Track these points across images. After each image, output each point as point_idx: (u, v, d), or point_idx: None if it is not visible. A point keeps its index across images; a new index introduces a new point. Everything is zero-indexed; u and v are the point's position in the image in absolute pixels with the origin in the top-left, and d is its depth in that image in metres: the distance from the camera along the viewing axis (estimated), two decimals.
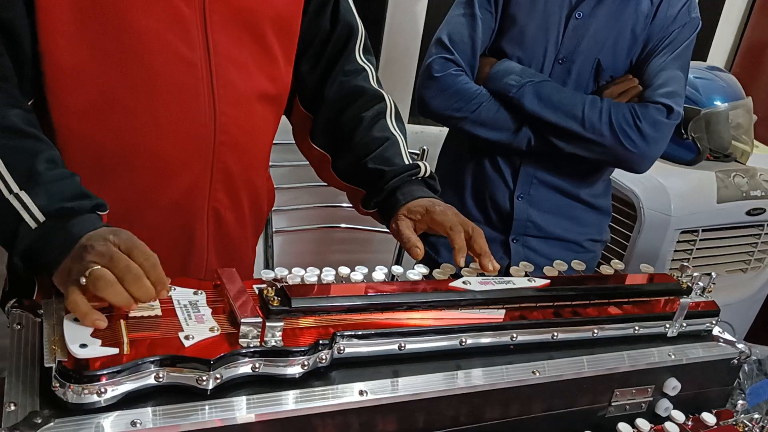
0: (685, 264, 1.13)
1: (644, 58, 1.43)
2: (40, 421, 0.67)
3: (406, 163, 1.12)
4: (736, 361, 1.10)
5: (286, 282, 0.85)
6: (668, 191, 1.92)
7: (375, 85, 1.19)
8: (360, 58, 1.19)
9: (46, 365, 0.70)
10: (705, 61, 2.71)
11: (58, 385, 0.68)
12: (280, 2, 1.07)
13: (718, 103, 1.99)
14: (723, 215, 2.01)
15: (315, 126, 1.19)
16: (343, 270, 0.91)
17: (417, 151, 2.05)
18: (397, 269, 0.95)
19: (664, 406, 1.03)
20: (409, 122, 2.21)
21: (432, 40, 1.46)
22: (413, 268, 0.96)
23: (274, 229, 1.97)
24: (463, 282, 0.92)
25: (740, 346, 1.11)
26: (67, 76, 0.93)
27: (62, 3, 0.90)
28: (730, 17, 2.70)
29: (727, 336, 1.13)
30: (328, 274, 0.89)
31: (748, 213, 2.04)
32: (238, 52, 1.02)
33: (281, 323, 0.78)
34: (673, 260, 2.02)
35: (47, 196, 0.82)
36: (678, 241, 1.99)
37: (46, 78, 0.92)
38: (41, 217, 0.81)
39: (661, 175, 1.97)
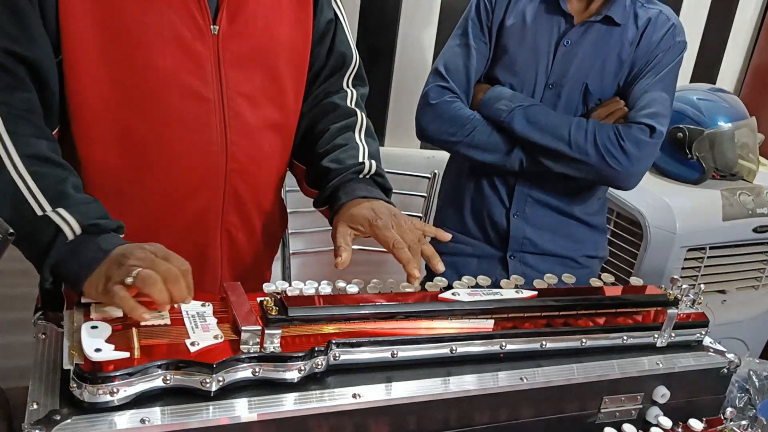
0: (675, 277, 1.16)
1: (630, 82, 1.48)
2: (59, 418, 0.73)
3: (361, 162, 1.15)
4: (726, 371, 1.12)
5: (285, 293, 0.91)
6: (673, 210, 1.95)
7: (351, 105, 1.24)
8: (346, 83, 1.25)
9: (65, 368, 0.76)
10: (714, 83, 2.73)
11: (75, 385, 0.75)
12: (291, 38, 1.15)
13: (721, 123, 2.02)
14: (729, 233, 2.02)
15: (294, 142, 1.25)
16: (340, 283, 0.97)
17: (428, 175, 2.11)
18: (391, 282, 1.00)
19: (654, 414, 1.06)
20: (420, 148, 2.29)
21: (430, 70, 1.53)
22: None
23: (291, 251, 2.04)
24: (453, 293, 0.97)
25: (730, 356, 1.13)
26: (92, 110, 1.01)
27: (88, 45, 0.99)
28: (737, 40, 2.73)
29: (717, 346, 1.15)
30: (326, 287, 0.95)
31: (755, 230, 2.05)
32: (248, 86, 1.10)
33: (279, 331, 0.83)
34: (681, 277, 2.04)
35: (79, 213, 0.91)
36: (686, 259, 2.01)
37: (72, 111, 1.01)
38: (78, 230, 0.89)
39: (666, 194, 2.00)
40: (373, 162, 1.17)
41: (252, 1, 1.08)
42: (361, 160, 1.16)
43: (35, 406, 0.75)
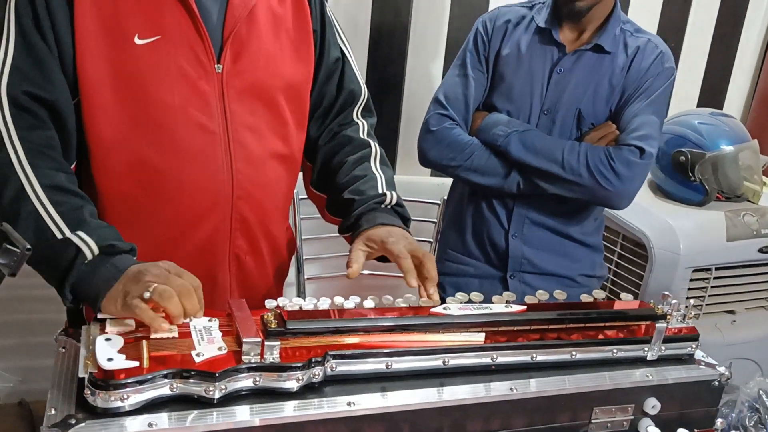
0: (666, 293, 1.18)
1: (621, 106, 1.54)
2: (74, 422, 0.80)
3: (383, 193, 1.23)
4: (717, 383, 1.14)
5: (285, 309, 0.97)
6: (677, 231, 1.97)
7: (364, 136, 1.32)
8: (356, 115, 1.33)
9: (80, 376, 0.83)
10: (722, 108, 2.76)
11: (89, 392, 0.81)
12: (291, 74, 1.23)
13: (723, 146, 2.05)
14: (734, 253, 2.04)
15: (313, 173, 1.34)
16: (338, 299, 1.02)
17: (438, 202, 2.17)
18: (387, 299, 1.06)
19: (645, 425, 1.09)
20: (430, 175, 2.35)
21: (431, 99, 1.60)
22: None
23: (306, 276, 2.10)
24: (444, 308, 1.02)
25: (720, 369, 1.15)
26: (107, 144, 1.10)
27: (103, 87, 1.08)
28: (743, 65, 2.76)
29: (709, 360, 1.18)
30: (324, 303, 1.01)
31: (761, 251, 2.07)
32: (252, 119, 1.18)
33: (278, 343, 0.89)
34: (688, 298, 2.05)
35: (97, 236, 0.98)
36: (692, 279, 2.03)
37: (89, 146, 1.10)
38: (96, 250, 0.97)
39: (670, 216, 2.03)
40: (394, 193, 1.25)
41: (254, 40, 1.17)
42: (381, 191, 1.24)
43: (53, 411, 0.82)
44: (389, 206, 1.23)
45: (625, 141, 1.49)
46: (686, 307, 1.18)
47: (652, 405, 1.08)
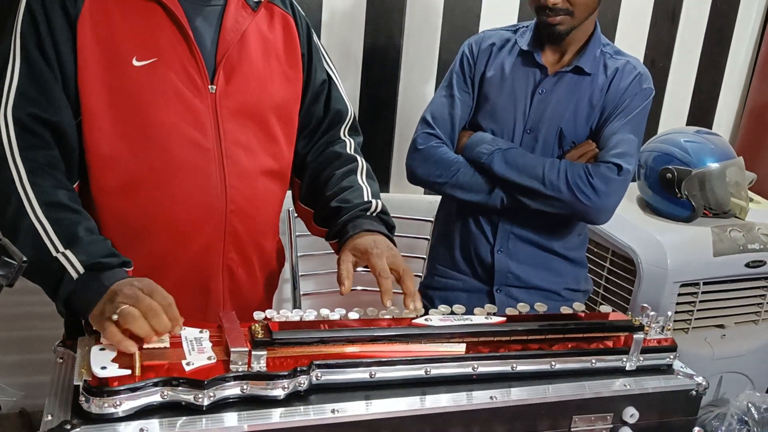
0: (645, 305, 1.22)
1: (601, 125, 1.59)
2: (69, 427, 0.84)
3: (368, 201, 1.27)
4: (694, 393, 1.17)
5: (272, 320, 1.01)
6: (664, 246, 2.01)
7: (351, 152, 1.36)
8: (343, 133, 1.38)
9: (75, 383, 0.87)
10: (711, 126, 2.81)
11: (84, 398, 0.85)
12: (281, 94, 1.28)
13: (709, 163, 2.10)
14: (722, 268, 2.08)
15: (301, 188, 1.38)
16: (324, 311, 1.07)
17: (431, 219, 2.21)
18: (371, 311, 1.10)
19: None
20: (423, 194, 2.40)
21: (419, 119, 1.66)
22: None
23: (301, 293, 2.14)
24: (425, 319, 1.07)
25: (698, 379, 1.18)
26: (104, 163, 1.15)
27: (101, 106, 1.13)
28: (731, 84, 2.81)
29: (687, 370, 1.20)
30: (310, 315, 1.05)
31: (748, 265, 2.10)
32: (244, 136, 1.23)
33: (264, 352, 0.93)
34: (677, 312, 2.09)
35: (85, 254, 1.02)
36: (680, 294, 2.07)
37: (89, 163, 1.15)
38: (81, 270, 1.01)
39: (657, 232, 2.07)
40: (378, 201, 1.29)
41: (245, 62, 1.22)
42: (366, 199, 1.28)
43: (49, 417, 0.86)
44: (374, 214, 1.27)
45: (603, 158, 1.54)
46: (664, 318, 1.21)
47: (631, 414, 1.11)
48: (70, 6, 1.11)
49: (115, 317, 0.92)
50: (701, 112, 2.81)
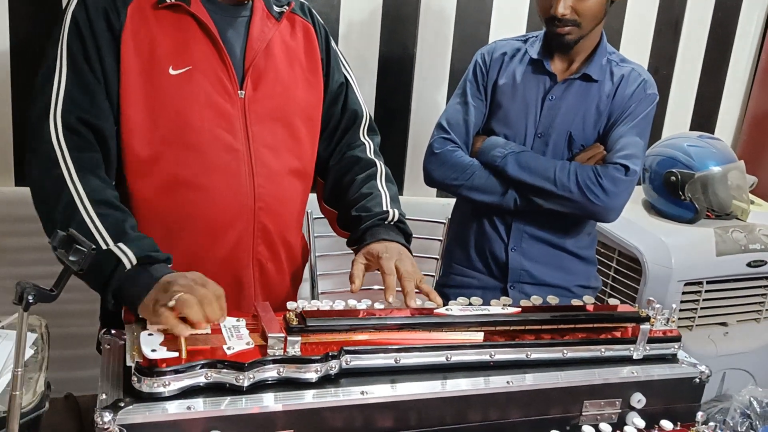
0: (651, 299, 1.27)
1: (608, 129, 1.65)
2: (123, 405, 0.90)
3: (386, 211, 1.34)
4: (698, 380, 1.22)
5: (305, 309, 1.07)
6: (668, 247, 2.07)
7: (371, 156, 1.43)
8: (362, 135, 1.45)
9: (128, 364, 0.93)
10: (713, 132, 2.85)
11: (135, 379, 0.91)
12: (304, 97, 1.35)
13: (711, 166, 2.15)
14: (724, 267, 2.13)
15: (325, 190, 1.45)
16: (351, 302, 1.13)
17: (444, 221, 2.27)
18: (394, 302, 1.16)
19: (632, 419, 1.18)
20: (436, 196, 2.46)
21: (435, 125, 1.72)
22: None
23: (320, 291, 2.20)
24: (446, 309, 1.13)
25: (701, 367, 1.24)
26: (143, 164, 1.22)
27: (141, 113, 1.20)
28: (732, 91, 2.86)
29: (691, 359, 1.26)
30: (339, 304, 1.11)
31: (749, 265, 2.15)
32: (271, 138, 1.30)
33: (299, 338, 0.99)
34: (681, 310, 2.14)
35: (136, 248, 1.09)
36: (685, 293, 2.12)
37: (127, 165, 1.22)
38: (134, 261, 1.08)
39: (662, 233, 2.13)
40: (396, 210, 1.35)
41: (271, 69, 1.29)
42: (385, 208, 1.34)
43: (104, 396, 0.92)
44: (392, 223, 1.34)
45: (611, 160, 1.60)
46: (669, 311, 1.27)
47: (638, 399, 1.16)
48: (114, 20, 1.18)
49: (171, 303, 0.98)
50: (704, 118, 2.86)
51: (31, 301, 0.72)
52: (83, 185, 1.12)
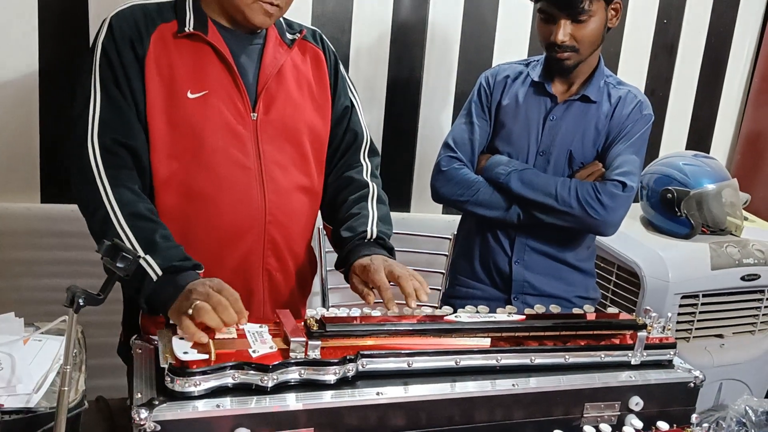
0: (648, 308, 1.33)
1: (606, 147, 1.71)
2: (157, 403, 0.95)
3: (365, 230, 1.38)
4: (692, 385, 1.27)
5: (324, 315, 1.13)
6: (665, 261, 2.12)
7: (366, 177, 1.48)
8: (362, 156, 1.51)
9: (161, 365, 0.99)
10: (708, 151, 2.91)
11: (169, 379, 0.97)
12: (313, 119, 1.42)
13: (706, 184, 2.21)
14: (719, 281, 2.18)
15: (323, 207, 1.51)
16: (366, 309, 1.19)
17: (449, 236, 2.32)
18: (407, 310, 1.22)
19: (631, 420, 1.23)
20: (442, 213, 2.52)
21: (442, 144, 1.79)
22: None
23: (330, 304, 2.26)
24: (455, 316, 1.18)
25: (696, 372, 1.29)
26: (164, 179, 1.29)
27: (162, 133, 1.28)
28: (726, 112, 2.93)
29: (686, 365, 1.31)
30: (355, 312, 1.17)
31: (744, 278, 2.20)
32: (280, 156, 1.37)
33: (319, 342, 1.05)
34: (678, 322, 2.19)
35: (162, 258, 1.15)
36: (681, 305, 2.17)
37: (154, 184, 1.29)
38: (160, 272, 1.14)
39: (659, 248, 2.18)
40: (376, 229, 1.40)
41: (282, 93, 1.37)
42: (366, 228, 1.39)
43: (139, 395, 0.98)
44: (371, 240, 1.39)
45: (609, 177, 1.66)
46: (665, 320, 1.32)
47: (636, 402, 1.21)
48: (138, 47, 1.26)
49: (189, 311, 1.04)
50: (699, 137, 2.92)
51: (81, 303, 0.78)
52: (117, 201, 1.19)
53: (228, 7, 1.31)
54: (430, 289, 1.31)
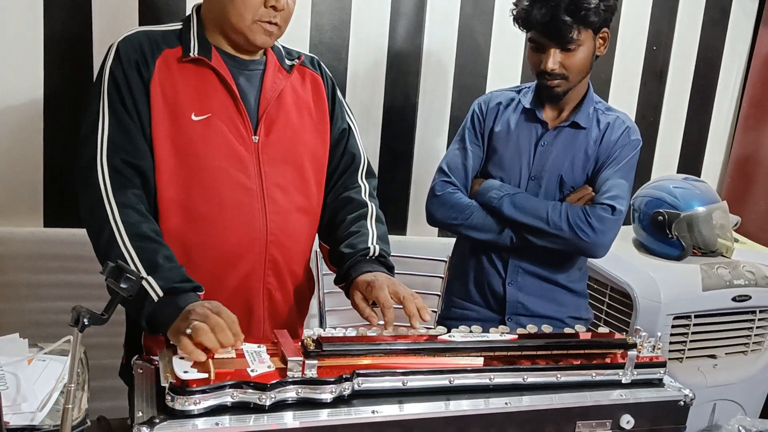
0: (638, 327, 1.35)
1: (596, 172, 1.75)
2: (158, 421, 0.97)
3: (367, 247, 1.41)
4: (683, 403, 1.29)
5: (321, 335, 1.15)
6: (657, 282, 2.14)
7: (364, 197, 1.51)
8: (359, 178, 1.54)
9: (162, 384, 1.01)
10: (700, 175, 2.95)
11: (169, 397, 0.99)
12: (312, 142, 1.46)
13: (696, 207, 2.24)
14: (710, 302, 2.20)
15: (320, 227, 1.53)
16: (362, 329, 1.21)
17: (445, 259, 2.35)
18: (402, 330, 1.24)
19: None
20: (437, 236, 2.54)
21: (436, 169, 1.82)
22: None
23: (328, 326, 2.27)
24: (449, 336, 1.21)
25: (686, 391, 1.30)
26: (168, 199, 1.32)
27: (167, 154, 1.31)
28: (716, 136, 2.97)
29: (676, 384, 1.32)
30: (352, 331, 1.19)
31: (735, 299, 2.23)
32: (281, 178, 1.40)
33: (316, 361, 1.07)
34: (671, 343, 2.20)
35: (164, 280, 1.18)
36: (674, 326, 2.19)
37: (158, 204, 1.31)
38: (160, 293, 1.17)
39: (651, 269, 2.21)
40: (377, 246, 1.43)
41: (282, 117, 1.40)
42: (368, 245, 1.42)
43: (140, 414, 1.00)
44: (373, 257, 1.41)
45: (599, 201, 1.69)
46: (655, 339, 1.34)
47: (627, 420, 1.23)
48: (144, 71, 1.30)
49: (188, 331, 1.07)
50: (690, 161, 2.95)
51: (86, 323, 0.81)
52: (123, 221, 1.22)
53: (230, 32, 1.35)
54: None
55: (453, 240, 2.01)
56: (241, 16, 1.31)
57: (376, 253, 1.42)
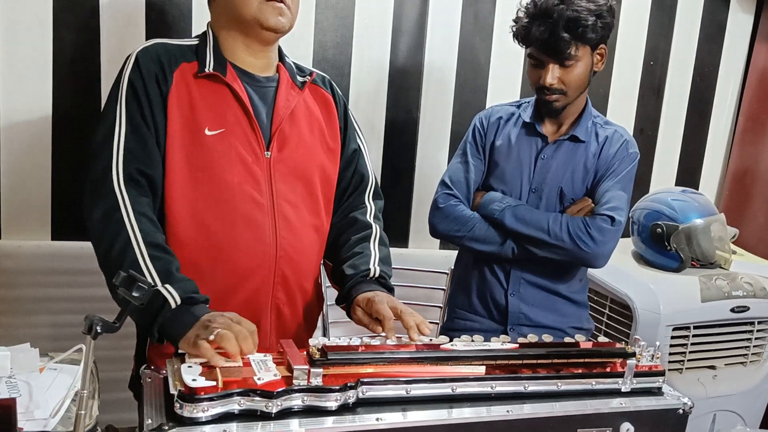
0: (637, 337, 1.36)
1: (595, 184, 1.77)
2: (167, 428, 0.99)
3: (369, 268, 1.43)
4: (681, 411, 1.30)
5: (326, 344, 1.17)
6: (657, 294, 2.16)
7: (370, 219, 1.53)
8: (367, 198, 1.57)
9: (171, 392, 1.03)
10: (698, 188, 2.97)
11: (178, 405, 1.01)
12: (323, 160, 1.48)
13: (694, 219, 2.26)
14: (709, 313, 2.22)
15: (327, 246, 1.54)
16: (366, 339, 1.23)
17: (446, 271, 2.36)
18: (405, 339, 1.26)
19: None
20: (439, 248, 2.56)
21: (439, 182, 1.85)
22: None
23: (331, 337, 2.28)
24: (451, 345, 1.22)
25: (684, 399, 1.31)
26: (181, 212, 1.33)
27: (181, 167, 1.32)
28: (713, 149, 3.00)
29: (675, 392, 1.34)
30: (356, 341, 1.21)
31: (733, 310, 2.24)
32: (292, 195, 1.41)
33: (321, 370, 1.09)
34: (671, 354, 2.21)
35: (181, 289, 1.20)
36: (673, 337, 2.20)
37: (167, 212, 1.33)
38: (179, 301, 1.18)
39: (651, 281, 2.22)
40: (378, 268, 1.45)
41: (294, 134, 1.42)
42: (369, 266, 1.44)
43: (150, 421, 1.01)
44: (373, 278, 1.43)
45: (598, 212, 1.71)
46: (654, 348, 1.35)
47: (627, 428, 1.23)
48: (162, 84, 1.32)
49: (211, 338, 1.09)
50: (688, 174, 2.98)
51: (99, 330, 0.83)
52: (139, 228, 1.23)
53: (243, 23, 1.36)
54: (429, 322, 1.35)
55: (454, 252, 2.03)
56: (248, 0, 1.32)
57: (377, 275, 1.44)
